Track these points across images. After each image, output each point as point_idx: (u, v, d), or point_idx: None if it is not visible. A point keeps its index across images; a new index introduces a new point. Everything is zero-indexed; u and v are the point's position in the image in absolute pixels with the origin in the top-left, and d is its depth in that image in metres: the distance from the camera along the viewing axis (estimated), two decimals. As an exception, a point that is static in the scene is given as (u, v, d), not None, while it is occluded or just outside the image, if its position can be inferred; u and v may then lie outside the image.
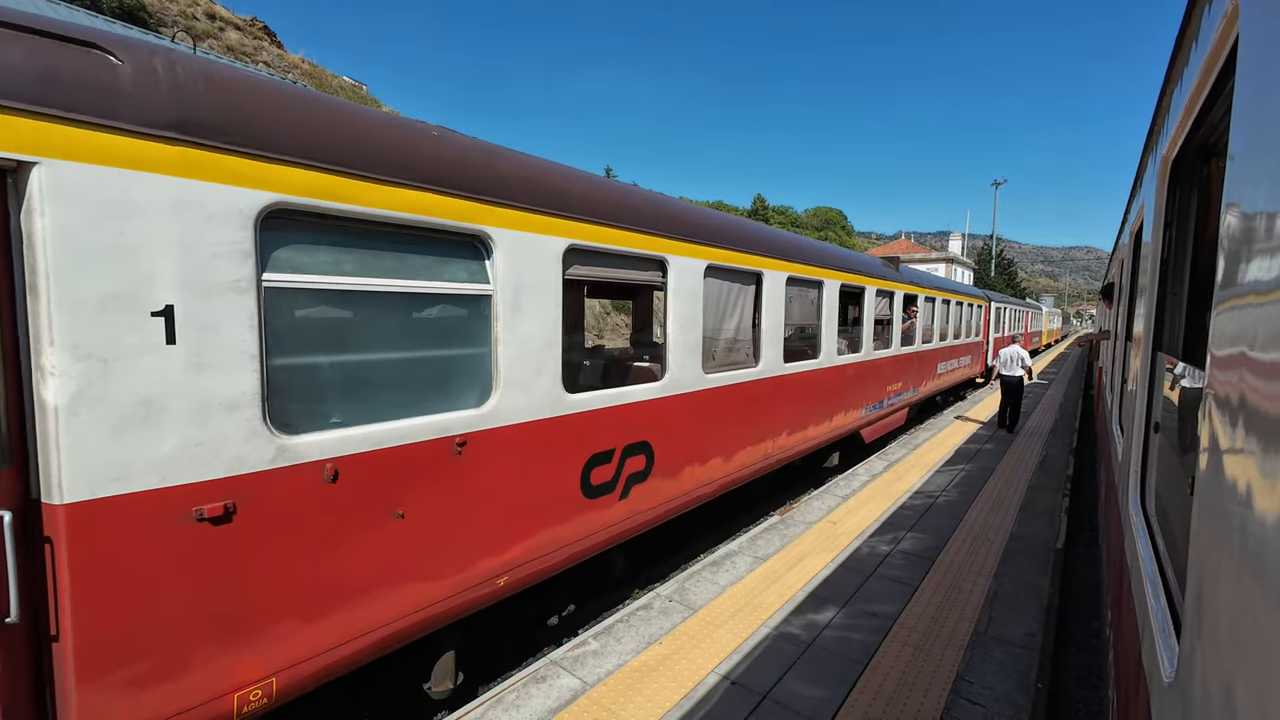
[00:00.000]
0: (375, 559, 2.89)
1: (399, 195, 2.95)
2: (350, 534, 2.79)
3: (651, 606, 4.43)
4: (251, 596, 2.47)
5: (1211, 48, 1.47)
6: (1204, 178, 2.22)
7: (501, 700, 3.33)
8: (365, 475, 2.82)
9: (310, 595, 2.66)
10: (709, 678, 3.56)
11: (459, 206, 3.22)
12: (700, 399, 5.30)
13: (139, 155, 2.14)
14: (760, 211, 67.24)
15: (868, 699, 3.40)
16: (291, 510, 2.58)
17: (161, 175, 2.19)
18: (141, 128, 2.14)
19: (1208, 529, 1.07)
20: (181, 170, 2.24)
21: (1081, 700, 4.25)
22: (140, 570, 2.18)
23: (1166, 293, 2.45)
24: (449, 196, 3.18)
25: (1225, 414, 1.01)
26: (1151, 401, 2.56)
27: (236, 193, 2.39)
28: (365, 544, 2.84)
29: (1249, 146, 1.04)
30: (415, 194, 3.03)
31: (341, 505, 2.74)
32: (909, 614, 4.37)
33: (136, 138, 2.13)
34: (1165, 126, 2.36)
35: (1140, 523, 2.52)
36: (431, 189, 3.10)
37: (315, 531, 2.66)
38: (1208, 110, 1.75)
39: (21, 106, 1.91)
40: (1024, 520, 6.51)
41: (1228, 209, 1.11)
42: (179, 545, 2.27)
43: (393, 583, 2.97)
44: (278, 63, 26.96)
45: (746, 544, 5.67)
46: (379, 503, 2.89)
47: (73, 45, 2.06)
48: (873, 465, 8.82)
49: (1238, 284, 1.00)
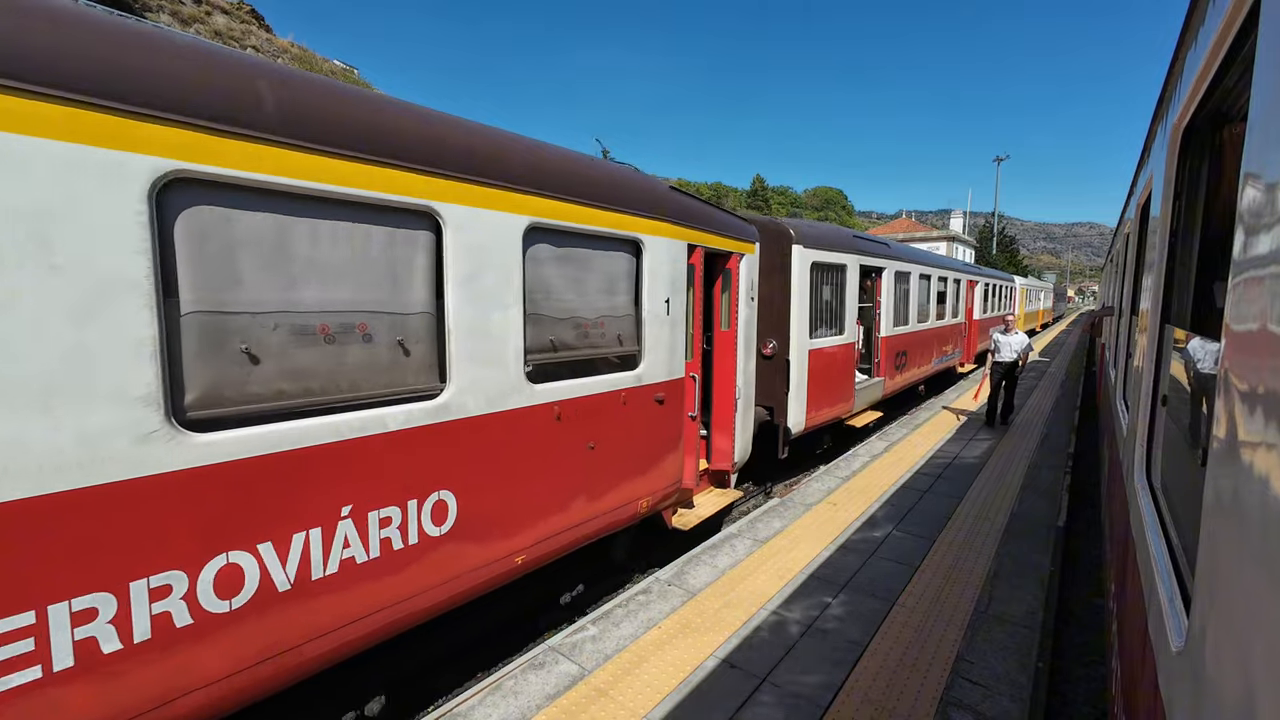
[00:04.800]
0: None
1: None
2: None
3: (650, 590, 4.42)
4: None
5: (1231, 4, 1.38)
6: (1217, 146, 2.14)
7: (500, 687, 3.33)
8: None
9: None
10: (707, 661, 3.55)
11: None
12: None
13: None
14: (760, 192, 66.67)
15: (867, 680, 3.39)
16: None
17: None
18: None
19: (1221, 501, 1.05)
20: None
21: (1082, 678, 4.25)
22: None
23: (1175, 265, 2.38)
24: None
25: (1241, 387, 0.98)
26: (1159, 375, 2.51)
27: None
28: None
29: (1270, 110, 0.97)
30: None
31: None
32: (909, 594, 4.36)
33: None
34: (1177, 92, 2.26)
35: (1146, 495, 2.49)
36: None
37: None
38: (1223, 74, 1.66)
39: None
40: (1025, 499, 6.49)
41: (1246, 178, 1.05)
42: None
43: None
44: (266, 47, 26.52)
45: (746, 527, 5.66)
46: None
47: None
48: (873, 446, 8.79)
49: (1256, 255, 0.96)
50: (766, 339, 7.31)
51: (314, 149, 2.61)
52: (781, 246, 7.43)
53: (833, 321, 8.46)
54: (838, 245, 8.41)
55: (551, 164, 3.83)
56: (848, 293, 8.67)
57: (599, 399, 4.25)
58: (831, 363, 8.34)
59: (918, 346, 12.07)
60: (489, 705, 3.19)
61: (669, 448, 5.05)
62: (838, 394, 8.60)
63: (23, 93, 1.88)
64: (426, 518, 3.11)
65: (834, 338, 8.41)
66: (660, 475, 4.97)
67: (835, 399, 8.54)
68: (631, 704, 3.18)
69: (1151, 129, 3.44)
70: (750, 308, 6.37)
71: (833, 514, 5.99)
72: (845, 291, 8.64)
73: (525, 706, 3.18)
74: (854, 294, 8.84)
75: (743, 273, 6.20)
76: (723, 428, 6.18)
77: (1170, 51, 2.44)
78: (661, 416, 4.88)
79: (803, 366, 7.57)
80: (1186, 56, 2.06)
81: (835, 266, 8.38)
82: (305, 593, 2.63)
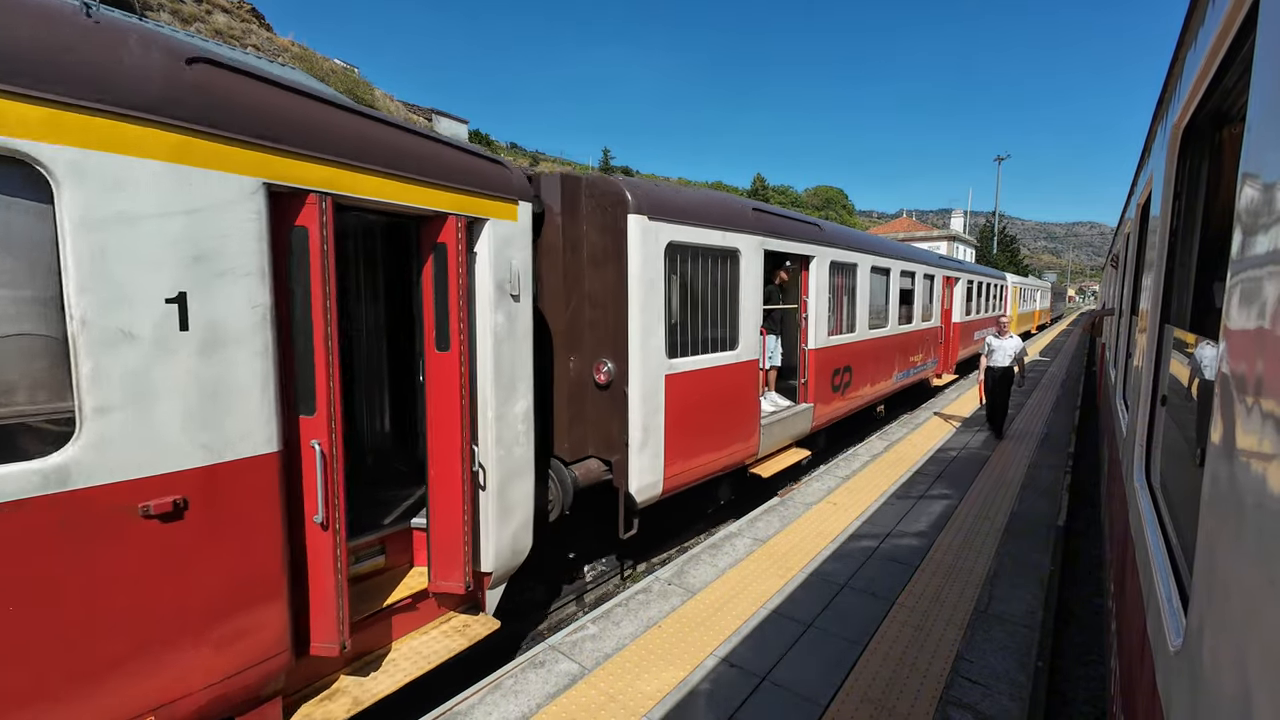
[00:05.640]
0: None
1: None
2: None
3: (650, 590, 4.42)
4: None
5: (1230, 4, 1.38)
6: (1217, 146, 2.14)
7: (500, 686, 3.33)
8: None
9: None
10: (708, 660, 3.56)
11: None
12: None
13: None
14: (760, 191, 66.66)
15: (867, 679, 3.40)
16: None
17: None
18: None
19: (1218, 501, 1.06)
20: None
21: (1081, 678, 4.26)
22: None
23: (1175, 265, 2.38)
24: None
25: (1239, 387, 0.98)
26: (1159, 375, 2.51)
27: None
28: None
29: (1269, 110, 0.97)
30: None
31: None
32: (909, 594, 4.36)
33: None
34: (1177, 92, 2.26)
35: (1145, 495, 2.49)
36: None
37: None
38: (1223, 74, 1.66)
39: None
40: (1025, 498, 6.49)
41: (1245, 178, 1.06)
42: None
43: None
44: (267, 45, 26.53)
45: (746, 526, 5.66)
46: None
47: None
48: (873, 446, 8.80)
49: (1255, 255, 0.96)
50: (599, 359, 4.95)
51: None
52: (610, 218, 4.85)
53: (715, 332, 5.88)
54: (716, 219, 5.76)
55: None
56: (744, 290, 6.11)
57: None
58: (713, 391, 5.79)
59: (870, 358, 9.40)
60: (489, 704, 3.19)
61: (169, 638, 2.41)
62: (727, 434, 6.04)
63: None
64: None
65: (718, 356, 5.85)
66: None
67: (722, 442, 5.98)
68: (632, 703, 3.19)
69: (1151, 129, 3.44)
70: (508, 313, 3.83)
71: (833, 513, 5.99)
72: (739, 288, 6.07)
73: (526, 705, 3.18)
74: (754, 292, 6.28)
75: (483, 252, 3.68)
76: (447, 519, 3.67)
77: (1170, 51, 2.44)
78: (142, 573, 2.31)
79: (655, 399, 5.06)
80: (1186, 57, 2.06)
81: (717, 252, 5.80)
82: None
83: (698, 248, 5.57)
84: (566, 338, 5.09)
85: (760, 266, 6.37)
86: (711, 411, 5.82)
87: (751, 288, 6.25)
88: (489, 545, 3.84)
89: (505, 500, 3.91)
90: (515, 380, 3.92)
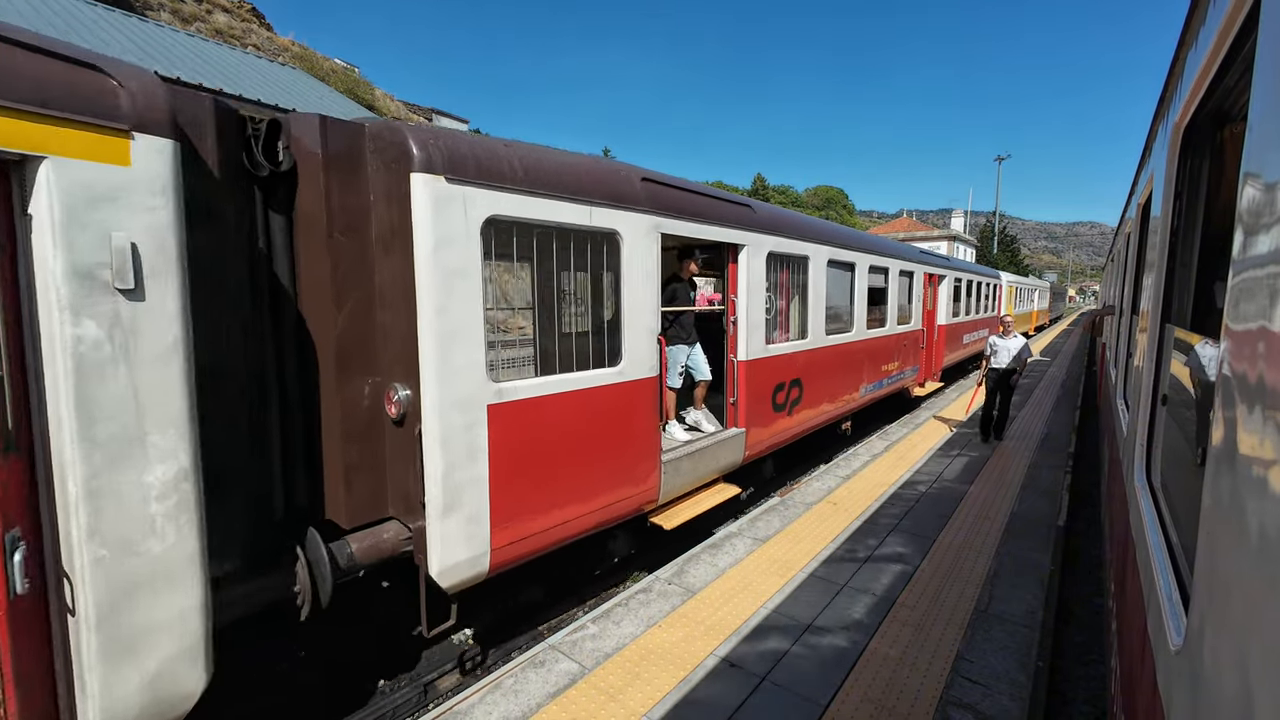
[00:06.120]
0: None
1: None
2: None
3: (650, 590, 4.42)
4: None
5: (1231, 3, 1.38)
6: (1217, 145, 2.14)
7: (500, 685, 3.33)
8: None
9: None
10: (708, 660, 3.56)
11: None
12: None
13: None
14: (760, 190, 66.63)
15: (867, 679, 3.40)
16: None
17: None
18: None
19: (1219, 500, 1.06)
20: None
21: (1081, 677, 4.26)
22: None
23: (1176, 264, 2.38)
24: None
25: (1240, 386, 0.99)
26: (1159, 374, 2.51)
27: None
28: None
29: (1271, 110, 0.97)
30: None
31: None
32: (909, 593, 4.36)
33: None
34: (1178, 92, 2.26)
35: (1146, 495, 2.49)
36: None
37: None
38: (1224, 73, 1.66)
39: None
40: (1025, 498, 6.49)
41: (1246, 178, 1.06)
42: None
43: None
44: (268, 45, 26.52)
45: (746, 526, 5.67)
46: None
47: None
48: (874, 446, 8.80)
49: (1256, 255, 0.97)
50: (391, 384, 3.52)
51: None
52: (393, 180, 3.40)
53: (586, 344, 4.43)
54: (574, 188, 4.11)
55: None
56: (629, 287, 4.55)
57: None
58: (582, 422, 4.25)
59: (828, 369, 7.95)
60: (489, 703, 3.20)
61: None
62: (606, 478, 4.47)
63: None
64: None
65: (589, 375, 4.31)
66: None
67: (599, 488, 4.41)
68: (632, 702, 3.19)
69: (1152, 128, 3.44)
70: (112, 320, 2.28)
71: (833, 513, 5.99)
72: (622, 284, 4.54)
73: (526, 705, 3.18)
74: (646, 289, 4.70)
75: (41, 215, 2.14)
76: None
77: (1171, 51, 2.44)
78: None
79: (470, 440, 3.55)
80: (1187, 56, 2.06)
81: (583, 235, 4.26)
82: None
83: (547, 227, 3.97)
84: (346, 352, 3.41)
85: (655, 255, 4.78)
86: (579, 450, 4.23)
87: (641, 283, 4.65)
88: (89, 707, 2.29)
89: (122, 629, 2.34)
90: (143, 430, 2.35)
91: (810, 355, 7.49)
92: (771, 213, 6.78)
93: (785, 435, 7.09)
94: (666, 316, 5.52)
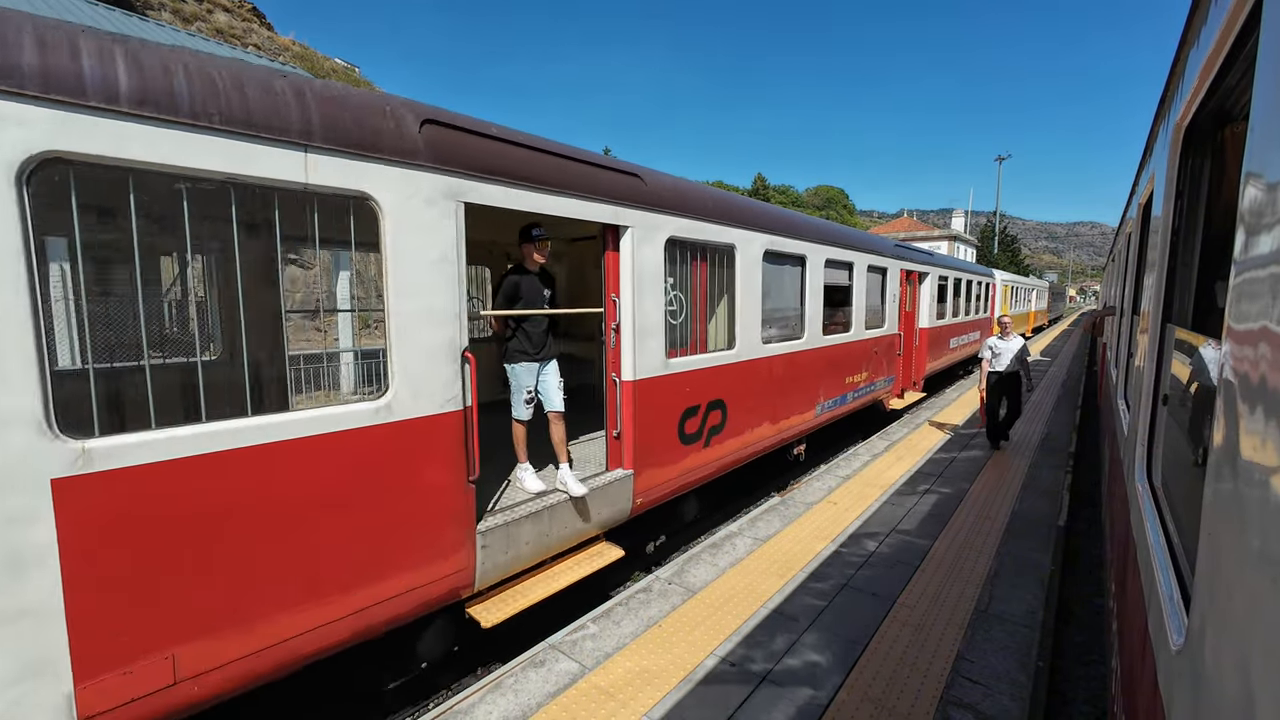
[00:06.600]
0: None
1: None
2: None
3: (650, 589, 4.42)
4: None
5: (1233, 2, 1.38)
6: (1219, 145, 2.14)
7: (500, 685, 3.34)
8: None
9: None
10: (708, 660, 3.56)
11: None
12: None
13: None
14: (761, 191, 66.57)
15: (868, 679, 3.40)
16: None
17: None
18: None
19: (1220, 500, 1.06)
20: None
21: (1082, 677, 4.26)
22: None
23: (1177, 264, 2.38)
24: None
25: (1241, 386, 0.99)
26: (1160, 374, 2.51)
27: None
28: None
29: (1272, 109, 0.97)
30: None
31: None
32: (909, 593, 4.36)
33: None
34: (1179, 91, 2.26)
35: (1147, 495, 2.49)
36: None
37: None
38: (1225, 72, 1.66)
39: None
40: (1025, 498, 6.48)
41: (1248, 177, 1.06)
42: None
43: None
44: (268, 45, 26.53)
45: (746, 525, 5.67)
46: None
47: None
48: (874, 445, 8.79)
49: (1258, 254, 0.97)
50: None
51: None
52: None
53: (313, 366, 3.38)
54: (246, 119, 2.55)
55: None
56: (395, 282, 3.15)
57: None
58: (297, 488, 2.81)
59: (765, 386, 6.54)
60: (489, 703, 3.20)
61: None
62: (362, 568, 3.07)
63: None
64: None
65: (318, 415, 2.87)
66: None
67: (340, 585, 2.99)
68: (632, 702, 3.19)
69: (1153, 128, 3.43)
70: None
71: (833, 513, 5.99)
72: (387, 279, 3.12)
73: (526, 704, 3.18)
74: (434, 285, 3.34)
75: None
76: None
77: (1173, 50, 2.44)
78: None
79: (17, 542, 2.07)
80: (1189, 56, 2.06)
81: (289, 197, 2.80)
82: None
83: (202, 181, 2.51)
84: None
85: (449, 236, 3.34)
86: (297, 533, 2.81)
87: (426, 276, 3.25)
88: None
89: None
90: None
91: (739, 370, 6.06)
92: (676, 187, 5.24)
93: (702, 472, 5.71)
94: (508, 323, 4.33)
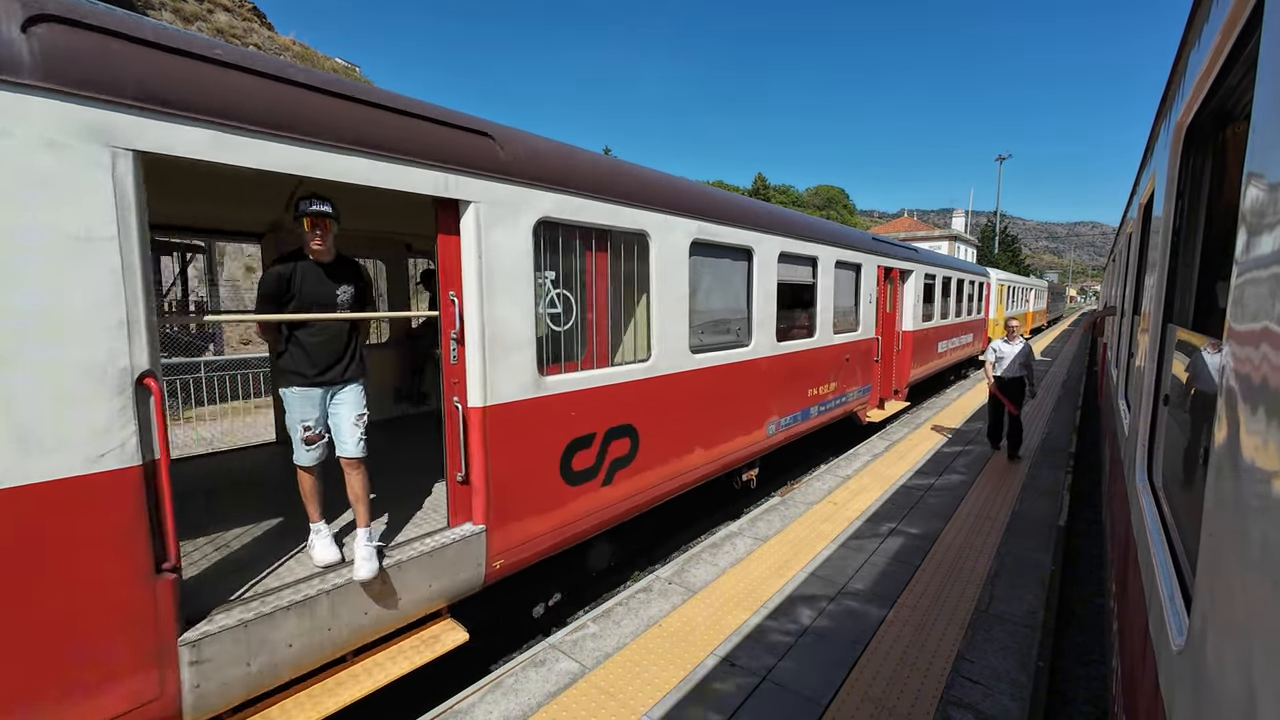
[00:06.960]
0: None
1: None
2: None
3: (651, 589, 4.42)
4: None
5: (1234, 3, 1.38)
6: (1220, 145, 2.13)
7: (500, 684, 3.33)
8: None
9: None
10: (708, 659, 3.56)
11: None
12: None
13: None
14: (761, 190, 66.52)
15: (868, 679, 3.40)
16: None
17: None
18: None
19: (1222, 500, 1.06)
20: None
21: (1082, 677, 4.25)
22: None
23: (1178, 264, 2.38)
24: None
25: (1242, 386, 0.98)
26: (1161, 374, 2.51)
27: None
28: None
29: (1274, 109, 0.97)
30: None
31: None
32: (910, 593, 4.36)
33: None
34: (1180, 91, 2.26)
35: (1147, 495, 2.49)
36: None
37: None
38: (1227, 72, 1.66)
39: None
40: (1026, 498, 6.48)
41: (1249, 177, 1.06)
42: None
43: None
44: (269, 45, 26.51)
45: (747, 525, 5.66)
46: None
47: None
48: (874, 445, 8.79)
49: (1259, 254, 0.96)
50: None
51: None
52: None
53: None
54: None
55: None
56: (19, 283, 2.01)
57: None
58: None
59: (693, 404, 5.39)
60: (489, 703, 3.20)
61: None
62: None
63: None
64: None
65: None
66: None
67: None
68: (632, 701, 3.19)
69: (1155, 128, 3.43)
70: None
71: (833, 512, 5.99)
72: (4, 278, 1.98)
73: (526, 704, 3.18)
74: (60, 281, 2.08)
75: None
76: None
77: (1174, 50, 2.44)
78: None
79: None
80: (1190, 55, 2.05)
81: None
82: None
83: None
84: None
85: (100, 201, 2.15)
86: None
87: (42, 261, 2.05)
88: None
89: None
90: None
91: (657, 386, 4.93)
92: (552, 153, 4.02)
93: (602, 516, 4.49)
94: (280, 333, 3.15)
